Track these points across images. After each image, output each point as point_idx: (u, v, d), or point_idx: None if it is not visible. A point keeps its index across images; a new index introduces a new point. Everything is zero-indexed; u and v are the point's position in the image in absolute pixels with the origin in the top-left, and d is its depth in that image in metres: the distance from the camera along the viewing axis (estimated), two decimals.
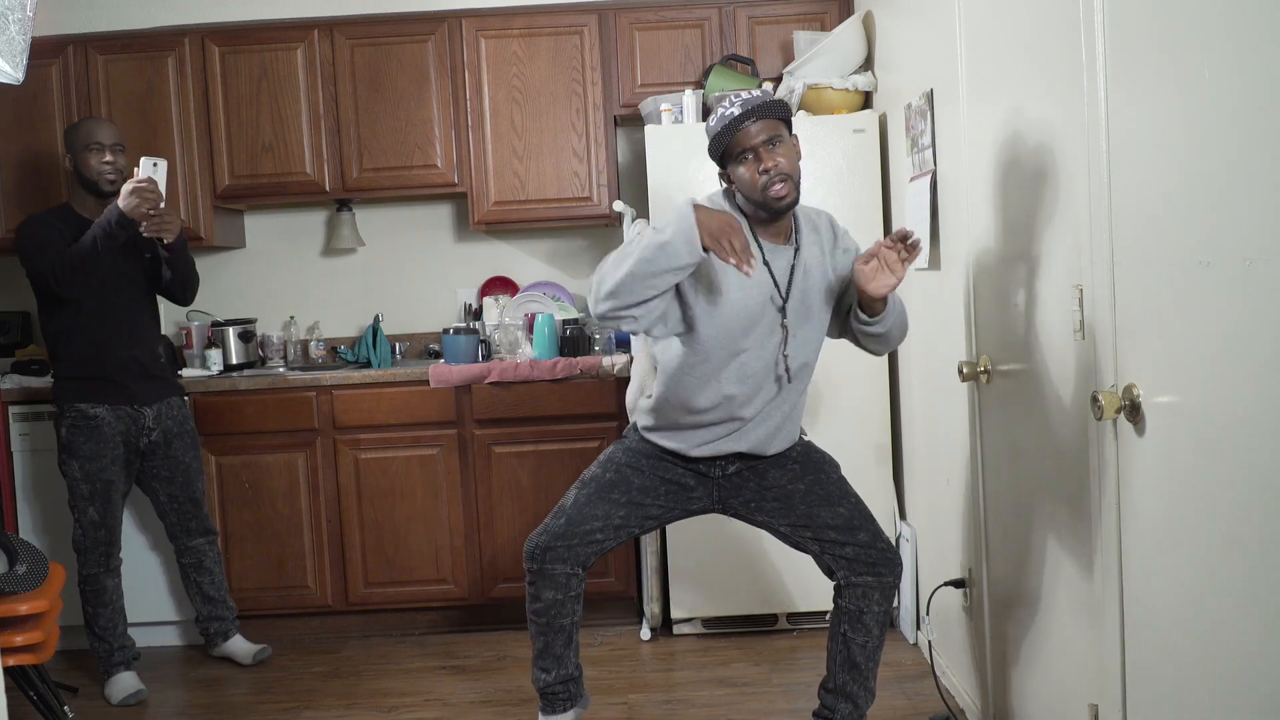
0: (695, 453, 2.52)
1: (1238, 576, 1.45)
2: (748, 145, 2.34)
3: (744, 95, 2.37)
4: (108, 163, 3.27)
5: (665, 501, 2.56)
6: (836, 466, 2.61)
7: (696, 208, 2.23)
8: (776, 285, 2.43)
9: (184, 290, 3.44)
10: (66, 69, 3.98)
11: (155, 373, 3.42)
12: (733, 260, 2.18)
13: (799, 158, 2.41)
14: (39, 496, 3.75)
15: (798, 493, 2.52)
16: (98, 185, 3.27)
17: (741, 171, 2.37)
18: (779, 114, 2.37)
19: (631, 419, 2.66)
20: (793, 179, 2.36)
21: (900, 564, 2.52)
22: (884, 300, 2.38)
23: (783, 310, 2.43)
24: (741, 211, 2.45)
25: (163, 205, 3.13)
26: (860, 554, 2.48)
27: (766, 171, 2.33)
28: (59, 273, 3.14)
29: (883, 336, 2.47)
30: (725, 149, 2.38)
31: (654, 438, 2.55)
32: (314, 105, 4.00)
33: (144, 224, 3.11)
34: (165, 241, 3.22)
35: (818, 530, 2.50)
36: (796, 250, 2.45)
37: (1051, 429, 2.19)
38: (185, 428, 3.47)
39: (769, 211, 2.39)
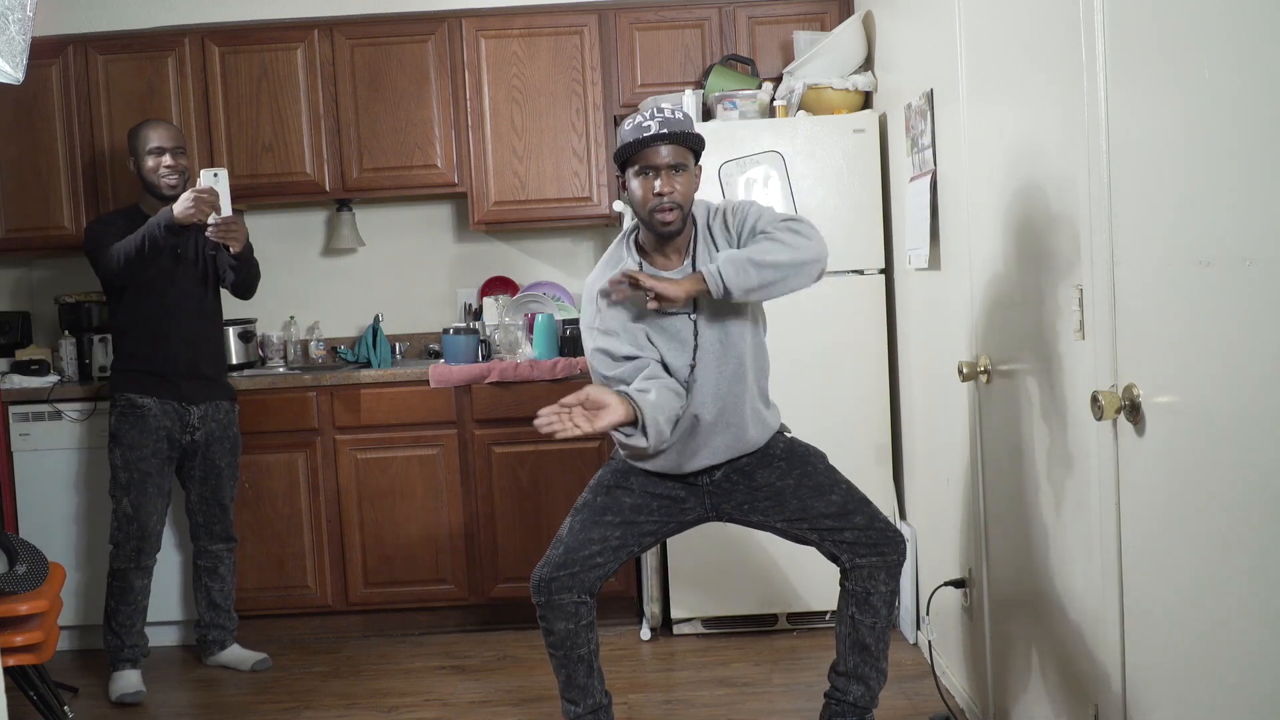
0: (682, 470, 2.54)
1: (1238, 576, 1.45)
2: (651, 163, 2.40)
3: (665, 114, 2.41)
4: (168, 167, 3.36)
5: (659, 517, 2.57)
6: (823, 456, 2.61)
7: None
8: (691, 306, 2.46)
9: (246, 290, 3.53)
10: (66, 69, 3.98)
11: (208, 374, 3.46)
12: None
13: (696, 189, 2.47)
14: (39, 496, 3.75)
15: (788, 488, 2.53)
16: (158, 189, 3.35)
17: (636, 185, 2.43)
18: (691, 145, 2.44)
19: None
20: (683, 209, 2.42)
21: (903, 540, 2.52)
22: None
23: (695, 325, 2.46)
24: (638, 245, 2.53)
25: (228, 214, 3.18)
26: (860, 536, 2.49)
27: (660, 195, 2.39)
28: (107, 265, 3.26)
29: (770, 286, 2.38)
30: (629, 158, 2.43)
31: (637, 463, 2.58)
32: (314, 105, 4.00)
33: (210, 230, 3.19)
34: (232, 250, 3.29)
35: (814, 521, 2.51)
36: (693, 263, 2.48)
37: (1051, 429, 2.19)
38: (228, 433, 3.50)
39: (654, 232, 2.45)
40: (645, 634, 3.68)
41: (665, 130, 2.38)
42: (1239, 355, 1.42)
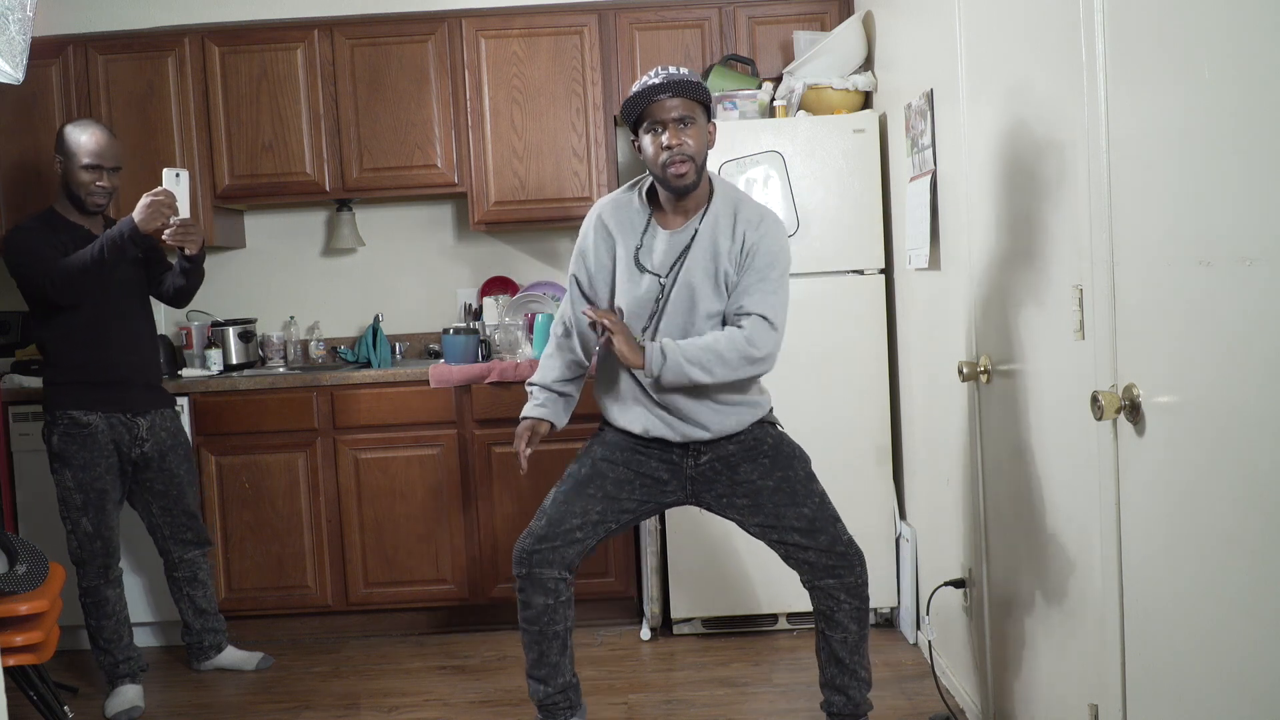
0: (640, 431, 2.53)
1: (1238, 576, 1.45)
2: (659, 118, 2.40)
3: (670, 70, 2.42)
4: (101, 186, 3.18)
5: (640, 495, 2.57)
6: (806, 461, 2.59)
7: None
8: (673, 267, 2.47)
9: (187, 296, 3.39)
10: (66, 69, 3.99)
11: (151, 381, 3.35)
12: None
13: (709, 145, 2.47)
14: (39, 497, 3.75)
15: (766, 489, 2.53)
16: (83, 204, 3.19)
17: (647, 141, 2.43)
18: (698, 96, 2.43)
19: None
20: (695, 161, 2.42)
21: (861, 561, 2.52)
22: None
23: (662, 290, 2.47)
24: (653, 195, 2.53)
25: (186, 216, 3.08)
26: (820, 559, 2.50)
27: (669, 149, 2.39)
28: (57, 283, 3.04)
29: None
30: (638, 116, 2.43)
31: (611, 418, 2.60)
32: (314, 105, 4.00)
33: (168, 233, 3.08)
34: (188, 253, 3.18)
35: (783, 533, 2.52)
36: (695, 233, 2.47)
37: (1051, 429, 2.19)
38: (179, 440, 3.40)
39: (668, 189, 2.45)
40: (645, 634, 3.68)
41: (669, 81, 2.38)
42: (1239, 355, 1.42)
